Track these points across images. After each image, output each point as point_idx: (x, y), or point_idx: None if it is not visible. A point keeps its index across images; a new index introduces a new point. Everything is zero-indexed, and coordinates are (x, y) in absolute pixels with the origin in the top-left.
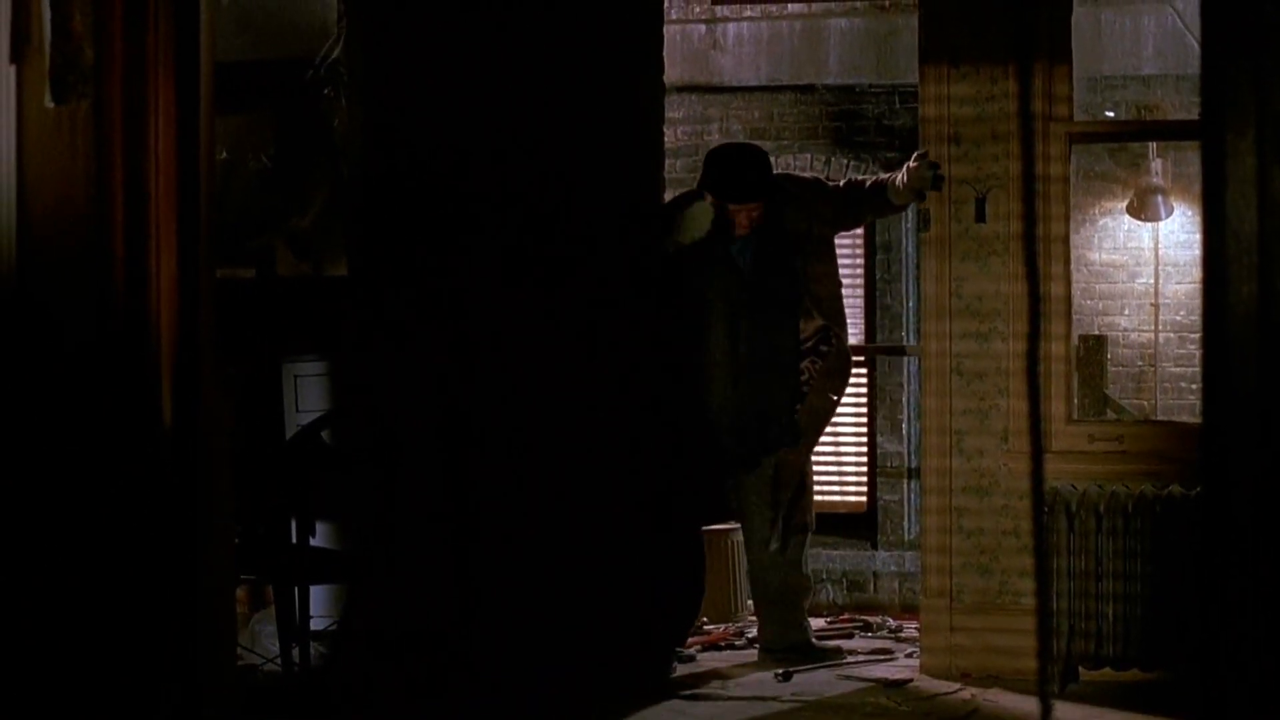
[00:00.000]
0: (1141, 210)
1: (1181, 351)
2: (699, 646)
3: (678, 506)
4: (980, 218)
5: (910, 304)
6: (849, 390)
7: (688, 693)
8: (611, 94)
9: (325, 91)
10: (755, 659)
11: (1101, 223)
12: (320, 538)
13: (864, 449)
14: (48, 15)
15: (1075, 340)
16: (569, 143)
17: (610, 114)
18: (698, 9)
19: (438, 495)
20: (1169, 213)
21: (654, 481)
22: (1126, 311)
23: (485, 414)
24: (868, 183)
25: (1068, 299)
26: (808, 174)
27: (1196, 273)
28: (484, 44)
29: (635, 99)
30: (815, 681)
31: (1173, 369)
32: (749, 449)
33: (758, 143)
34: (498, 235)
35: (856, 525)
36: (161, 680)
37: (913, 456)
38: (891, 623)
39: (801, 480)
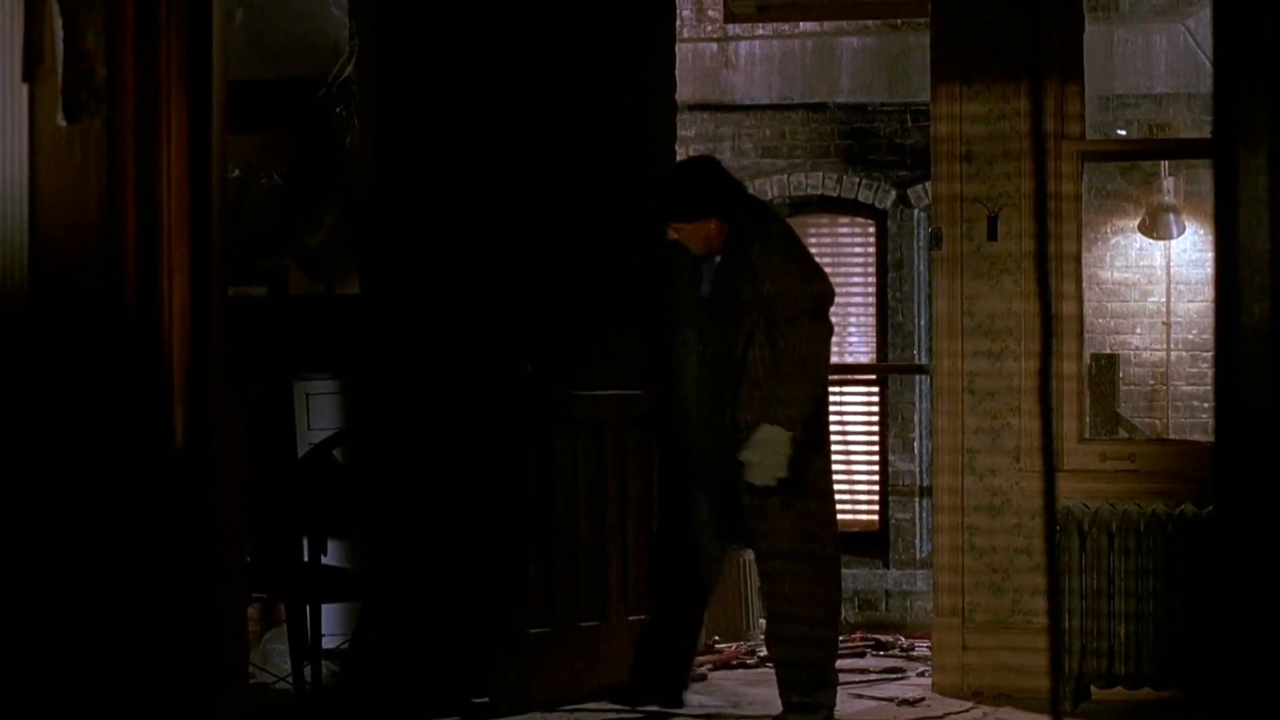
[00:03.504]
0: (1153, 229)
1: (1193, 370)
2: (710, 665)
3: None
4: (992, 236)
5: (922, 322)
6: (861, 408)
7: (699, 712)
8: (623, 112)
9: (337, 110)
10: (766, 677)
11: (1113, 241)
12: (332, 556)
13: (876, 467)
14: (60, 35)
15: (1087, 359)
16: (580, 160)
17: (621, 132)
18: (709, 27)
19: (449, 513)
20: (1181, 231)
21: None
22: (1138, 330)
23: (497, 431)
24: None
25: (1079, 318)
26: (796, 254)
27: (1208, 291)
28: (495, 62)
29: (647, 117)
30: None
31: (1185, 387)
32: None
33: (769, 161)
34: (509, 253)
35: (868, 544)
36: (172, 698)
37: (924, 475)
38: (903, 641)
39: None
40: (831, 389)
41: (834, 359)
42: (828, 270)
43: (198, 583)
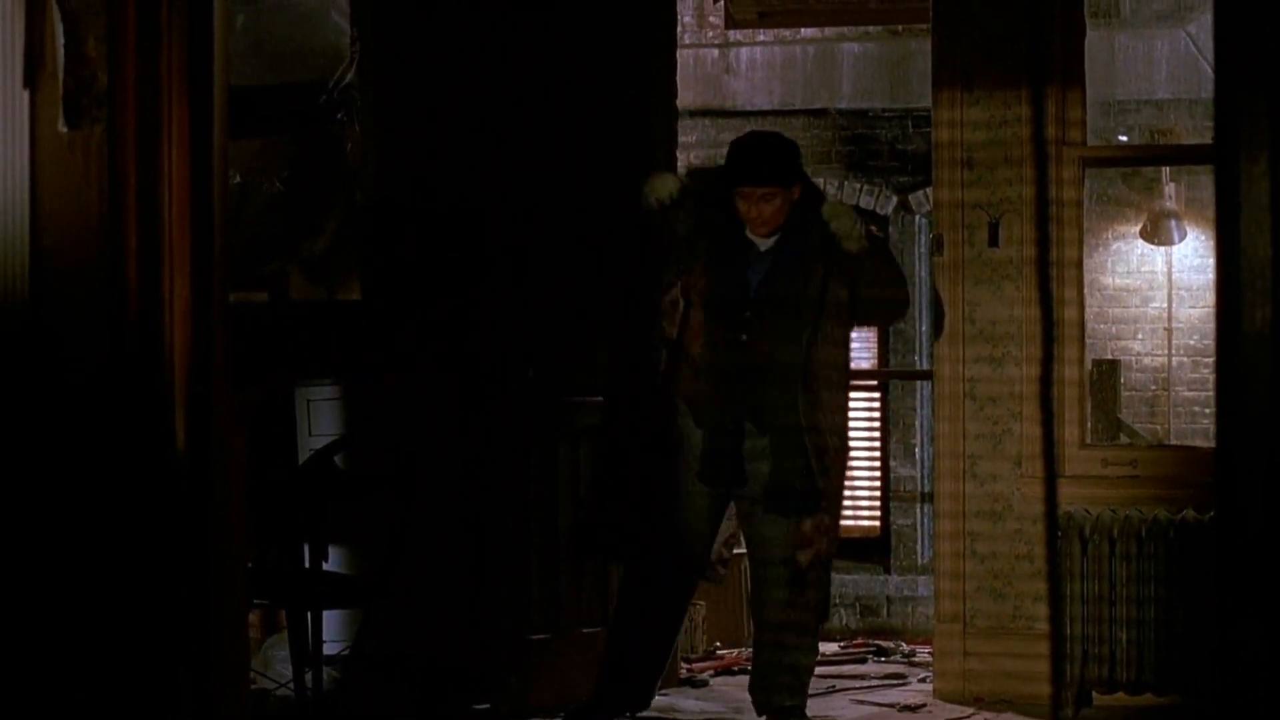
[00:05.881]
0: (1155, 234)
1: (1195, 376)
2: (712, 671)
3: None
4: (993, 242)
5: (923, 328)
6: (863, 414)
7: (699, 717)
8: (624, 118)
9: (338, 116)
10: None
11: (1115, 247)
12: (333, 562)
13: (877, 473)
14: (61, 40)
15: (1089, 365)
16: (581, 166)
17: (622, 138)
18: (711, 33)
19: (451, 519)
20: (1182, 237)
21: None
22: (1140, 336)
23: (498, 436)
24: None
25: (1081, 323)
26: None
27: (1210, 297)
28: (496, 68)
29: (648, 123)
30: (829, 707)
31: (1186, 393)
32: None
33: None
34: (510, 258)
35: (869, 549)
36: (174, 705)
37: (925, 481)
38: (905, 647)
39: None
40: None
41: None
42: None
43: (199, 586)
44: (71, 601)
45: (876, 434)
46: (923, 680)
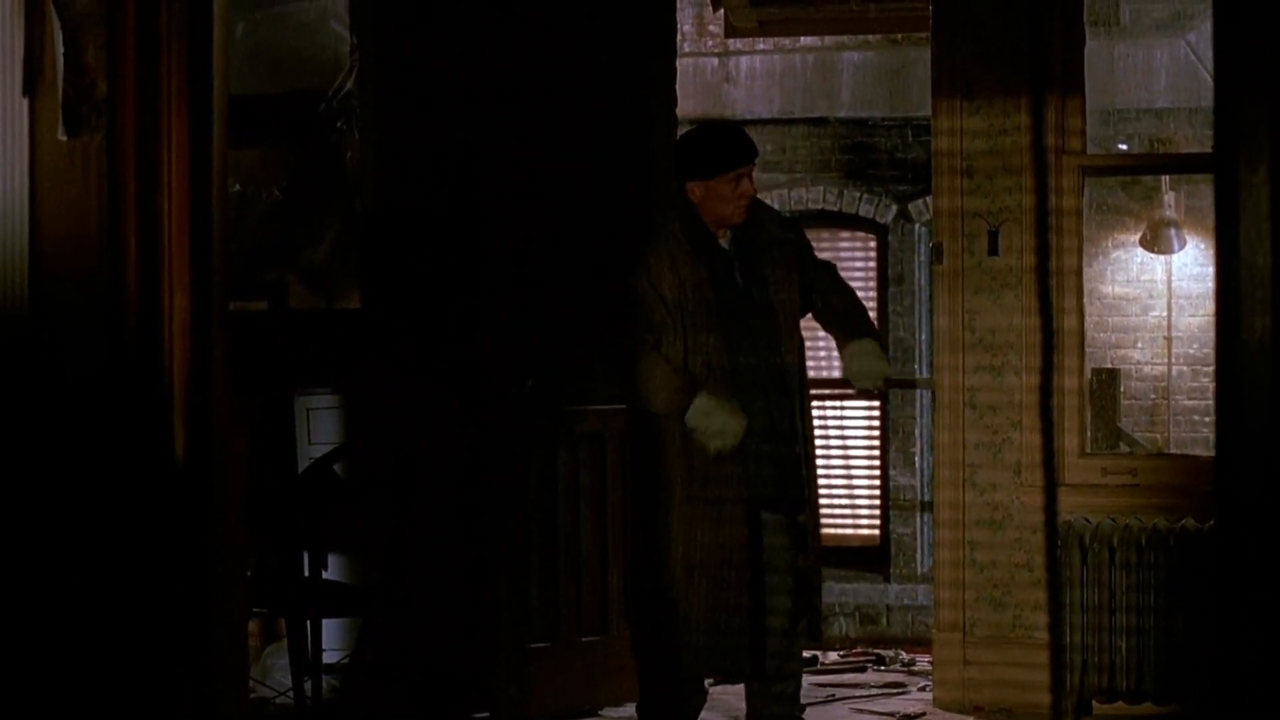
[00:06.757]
0: (1154, 243)
1: (1195, 385)
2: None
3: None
4: (993, 251)
5: (923, 337)
6: (862, 422)
7: None
8: (624, 126)
9: (338, 124)
10: None
11: (1114, 255)
12: (333, 571)
13: (876, 482)
14: (60, 49)
15: (1088, 373)
16: (581, 175)
17: (622, 146)
18: (710, 42)
19: (450, 527)
20: (1182, 245)
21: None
22: (1139, 345)
23: (498, 445)
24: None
25: (1080, 332)
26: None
27: (1210, 306)
28: (496, 76)
29: (648, 131)
30: (829, 716)
31: (1186, 402)
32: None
33: (770, 175)
34: (509, 267)
35: (869, 558)
36: (173, 710)
37: (925, 489)
38: (904, 656)
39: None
40: (832, 403)
41: (835, 374)
42: None
43: (198, 591)
44: (71, 606)
45: (876, 443)
46: (922, 689)
